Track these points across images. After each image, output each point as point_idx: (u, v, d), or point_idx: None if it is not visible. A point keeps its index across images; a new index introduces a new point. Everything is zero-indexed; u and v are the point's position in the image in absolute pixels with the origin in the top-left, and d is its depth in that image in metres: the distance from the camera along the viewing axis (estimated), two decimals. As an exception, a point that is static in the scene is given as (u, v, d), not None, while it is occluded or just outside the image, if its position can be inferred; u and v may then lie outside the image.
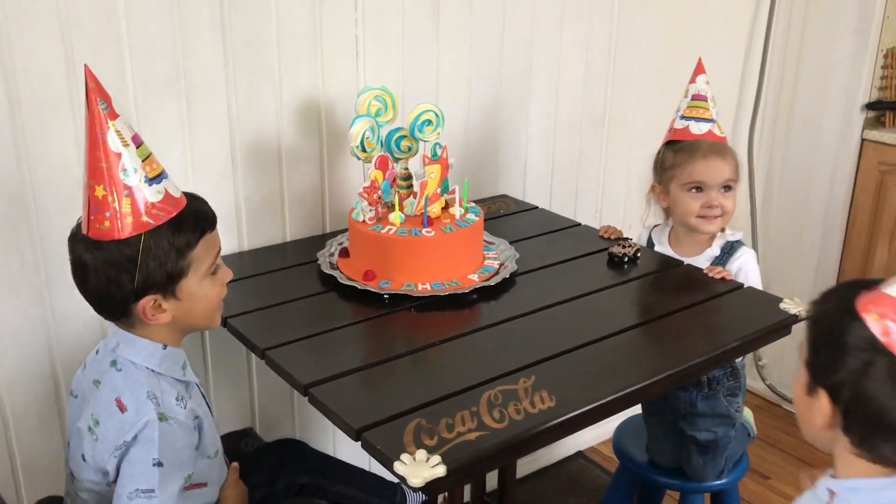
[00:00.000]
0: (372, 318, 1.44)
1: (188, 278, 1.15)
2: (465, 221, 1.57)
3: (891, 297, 0.91)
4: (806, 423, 1.03)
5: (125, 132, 1.10)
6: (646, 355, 1.33)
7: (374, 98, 1.60)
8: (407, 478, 1.01)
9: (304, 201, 1.77)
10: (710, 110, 1.68)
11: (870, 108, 2.51)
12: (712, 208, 1.67)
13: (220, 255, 1.23)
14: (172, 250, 1.12)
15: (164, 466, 1.12)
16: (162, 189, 1.12)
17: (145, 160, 1.12)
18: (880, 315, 0.91)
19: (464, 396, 1.18)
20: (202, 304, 1.20)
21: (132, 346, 1.18)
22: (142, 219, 1.10)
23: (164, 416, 1.13)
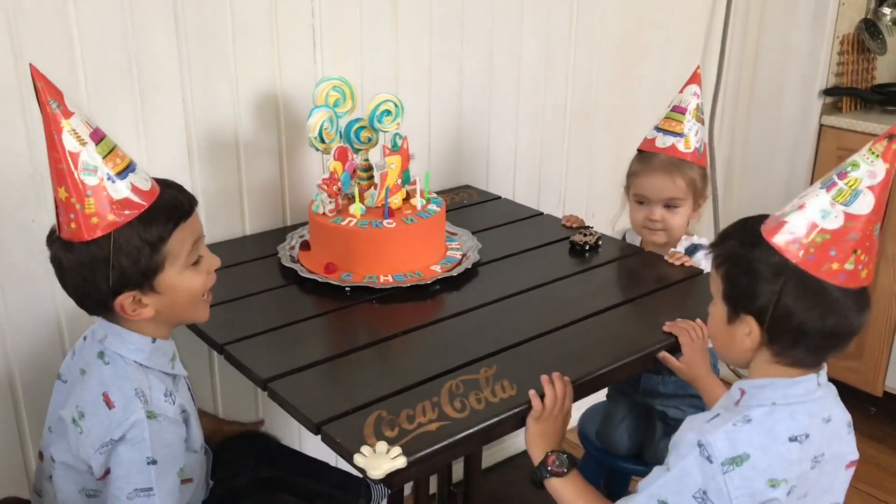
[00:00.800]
0: (333, 311, 1.43)
1: (166, 271, 1.12)
2: (427, 212, 1.56)
3: (791, 223, 1.02)
4: (729, 349, 1.13)
5: (81, 130, 1.06)
6: (607, 341, 1.34)
7: (333, 88, 1.59)
8: (367, 470, 1.00)
9: (263, 194, 1.75)
10: (683, 124, 1.68)
11: (827, 94, 2.54)
12: (653, 221, 1.70)
13: (201, 241, 1.19)
14: (145, 246, 1.09)
15: (158, 464, 1.11)
16: (128, 184, 1.08)
17: (108, 155, 1.08)
18: (786, 241, 1.02)
19: (425, 387, 1.18)
20: (185, 295, 1.16)
21: (120, 338, 1.15)
22: (108, 218, 1.06)
23: (152, 414, 1.11)
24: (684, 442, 1.07)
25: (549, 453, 1.19)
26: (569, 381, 1.19)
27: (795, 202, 1.04)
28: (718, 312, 1.12)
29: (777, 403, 1.07)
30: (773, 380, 1.08)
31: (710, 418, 1.09)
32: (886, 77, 2.72)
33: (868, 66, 2.63)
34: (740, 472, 1.03)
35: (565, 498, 1.19)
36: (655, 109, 2.49)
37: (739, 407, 1.09)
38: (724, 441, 1.04)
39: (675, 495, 1.06)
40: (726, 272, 1.09)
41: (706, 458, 1.04)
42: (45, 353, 1.53)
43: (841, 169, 1.01)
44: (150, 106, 1.55)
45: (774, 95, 2.62)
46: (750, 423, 1.05)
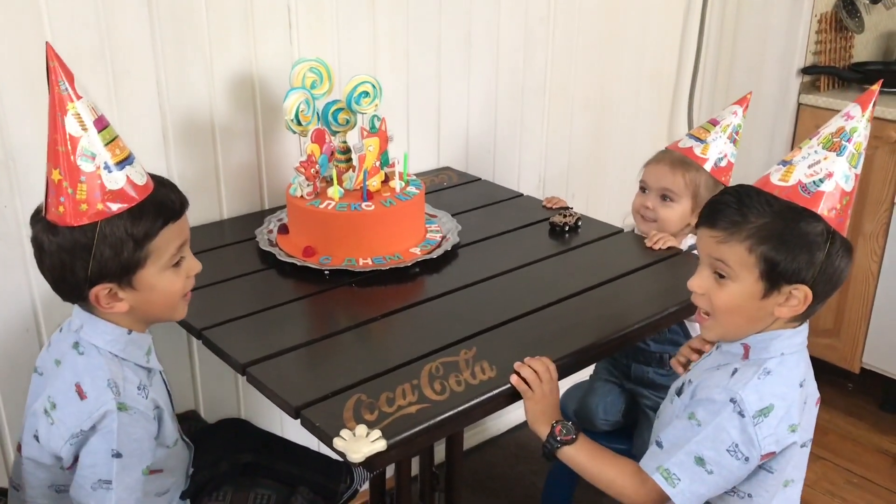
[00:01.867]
0: (312, 295, 1.42)
1: (146, 269, 1.10)
2: (406, 195, 1.55)
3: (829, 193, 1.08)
4: (755, 322, 1.14)
5: (86, 115, 1.05)
6: (587, 322, 1.34)
7: (309, 70, 1.57)
8: (347, 454, 1.00)
9: (240, 177, 1.73)
10: (709, 133, 1.72)
11: (805, 73, 2.55)
12: (645, 209, 1.74)
13: (186, 245, 1.18)
14: (130, 240, 1.07)
15: (122, 457, 1.10)
16: (123, 176, 1.07)
17: (109, 144, 1.07)
18: (827, 209, 1.09)
19: (405, 370, 1.18)
20: (162, 296, 1.14)
21: (96, 329, 1.14)
22: (97, 206, 1.05)
23: (123, 406, 1.10)
24: (716, 399, 1.12)
25: (554, 424, 1.22)
26: (547, 358, 1.19)
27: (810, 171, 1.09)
28: (745, 290, 1.12)
29: (785, 353, 1.14)
30: (780, 331, 1.14)
31: (730, 374, 1.14)
32: (864, 55, 2.74)
33: (846, 44, 2.64)
34: (768, 422, 1.10)
35: (580, 462, 1.23)
36: (635, 89, 2.51)
37: (751, 360, 1.15)
38: (754, 394, 1.10)
39: (712, 451, 1.12)
40: (769, 251, 1.08)
41: (739, 413, 1.10)
42: (20, 341, 1.51)
43: (847, 135, 1.10)
44: (124, 89, 1.53)
45: (753, 74, 2.62)
46: (770, 374, 1.12)
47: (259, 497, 1.39)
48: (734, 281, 1.12)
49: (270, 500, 1.39)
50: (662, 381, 1.77)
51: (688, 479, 1.13)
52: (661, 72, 2.58)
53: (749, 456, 1.10)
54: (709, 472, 1.12)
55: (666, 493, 1.14)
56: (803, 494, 1.24)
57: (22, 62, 1.40)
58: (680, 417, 1.17)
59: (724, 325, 1.17)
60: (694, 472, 1.13)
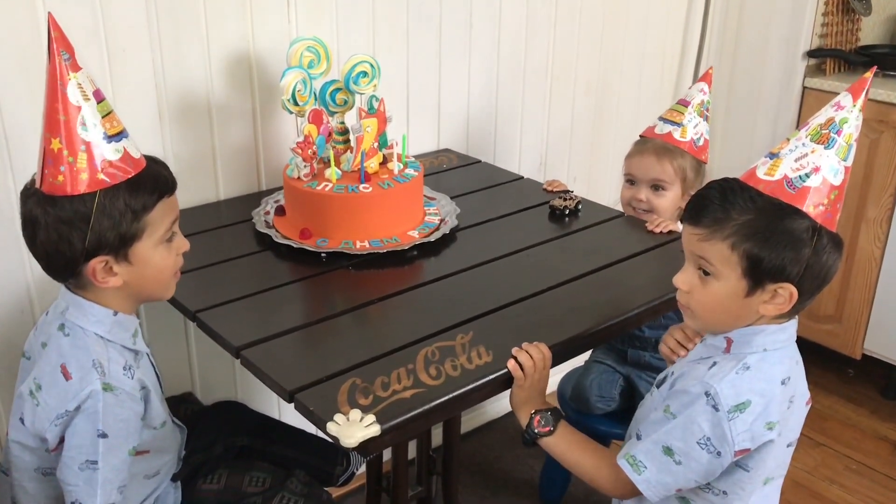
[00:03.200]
0: (309, 278, 1.41)
1: (142, 242, 1.11)
2: (404, 177, 1.53)
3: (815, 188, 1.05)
4: (738, 320, 1.12)
5: (87, 86, 1.06)
6: (586, 306, 1.32)
7: (307, 49, 1.54)
8: (340, 438, 0.99)
9: (237, 158, 1.71)
10: (683, 115, 1.74)
11: (811, 56, 2.52)
12: (638, 201, 1.75)
13: (177, 223, 1.18)
14: (128, 211, 1.08)
15: (108, 438, 1.09)
16: (121, 148, 1.08)
17: (105, 116, 1.08)
18: (814, 205, 1.05)
19: (400, 354, 1.17)
20: (154, 271, 1.15)
21: (81, 310, 1.13)
22: (97, 176, 1.05)
23: (108, 387, 1.09)
24: (690, 391, 1.10)
25: (532, 415, 1.21)
26: (544, 345, 1.18)
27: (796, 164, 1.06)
28: (728, 288, 1.09)
29: (768, 349, 1.11)
30: (763, 327, 1.11)
31: (708, 367, 1.12)
32: (871, 39, 2.70)
33: (853, 27, 2.61)
34: (743, 418, 1.08)
35: (558, 453, 1.23)
36: (638, 71, 2.48)
37: (732, 354, 1.12)
38: (730, 389, 1.08)
39: (681, 442, 1.10)
40: (751, 249, 1.06)
41: (713, 406, 1.08)
42: (15, 323, 1.50)
43: (836, 126, 1.06)
44: (119, 68, 1.50)
45: (758, 57, 2.59)
46: (749, 369, 1.10)
47: (254, 480, 1.38)
48: (717, 279, 1.10)
49: (266, 482, 1.38)
50: (660, 365, 1.77)
51: (654, 468, 1.12)
52: (665, 54, 2.55)
53: (721, 451, 1.09)
54: (677, 463, 1.11)
55: (631, 479, 1.13)
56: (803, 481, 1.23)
57: (15, 40, 1.38)
58: (657, 409, 1.15)
59: (707, 321, 1.16)
60: (661, 462, 1.12)
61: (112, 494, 1.11)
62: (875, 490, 2.22)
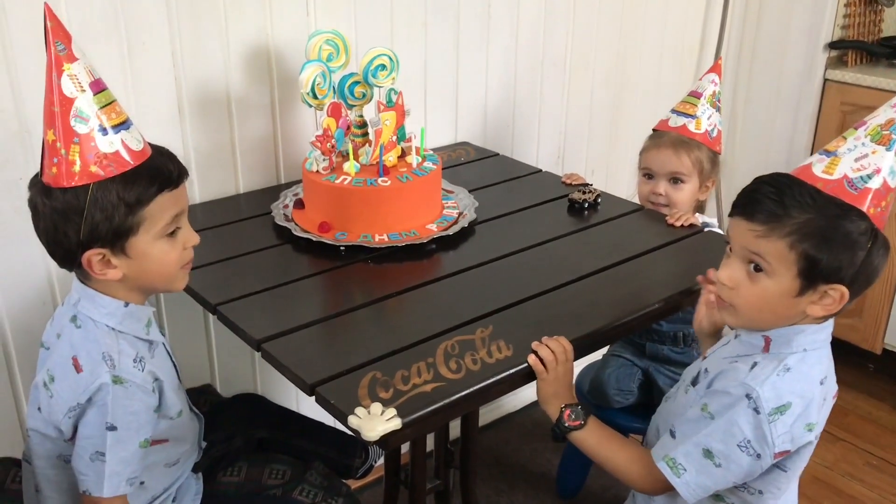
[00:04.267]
0: (328, 271, 1.41)
1: (139, 236, 1.09)
2: (423, 170, 1.53)
3: (876, 190, 1.04)
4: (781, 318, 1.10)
5: (82, 76, 1.04)
6: (606, 301, 1.32)
7: (325, 42, 1.54)
8: (361, 432, 0.99)
9: (256, 151, 1.71)
10: (696, 107, 1.73)
11: (832, 48, 2.49)
12: (657, 195, 1.75)
13: (183, 216, 1.15)
14: (122, 204, 1.06)
15: (117, 430, 1.09)
16: (118, 140, 1.06)
17: (105, 107, 1.06)
18: (873, 206, 1.04)
19: (420, 348, 1.16)
20: (156, 264, 1.12)
21: (93, 302, 1.13)
22: (90, 168, 1.04)
23: (118, 379, 1.09)
24: (731, 393, 1.09)
25: (562, 409, 1.21)
26: (565, 339, 1.17)
27: (856, 164, 1.04)
28: (780, 287, 1.07)
29: (807, 349, 1.10)
30: (802, 327, 1.10)
31: (749, 368, 1.11)
32: (894, 30, 2.67)
33: (875, 18, 2.58)
34: (783, 420, 1.07)
35: (589, 447, 1.23)
36: (657, 63, 2.46)
37: (772, 354, 1.11)
38: (771, 392, 1.07)
39: (722, 444, 1.09)
40: (810, 249, 1.04)
41: (754, 409, 1.07)
42: (37, 313, 1.51)
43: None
44: (139, 60, 1.51)
45: (778, 49, 2.57)
46: (790, 371, 1.09)
47: (274, 472, 1.39)
48: (770, 277, 1.07)
49: (285, 475, 1.39)
50: (679, 358, 1.76)
51: (694, 471, 1.11)
52: (684, 46, 2.53)
53: (761, 453, 1.08)
54: (717, 465, 1.10)
55: (670, 482, 1.12)
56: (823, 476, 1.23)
57: (36, 33, 1.36)
58: (694, 408, 1.14)
59: (748, 319, 1.13)
60: (701, 464, 1.11)
61: (121, 486, 1.11)
62: (895, 485, 2.21)
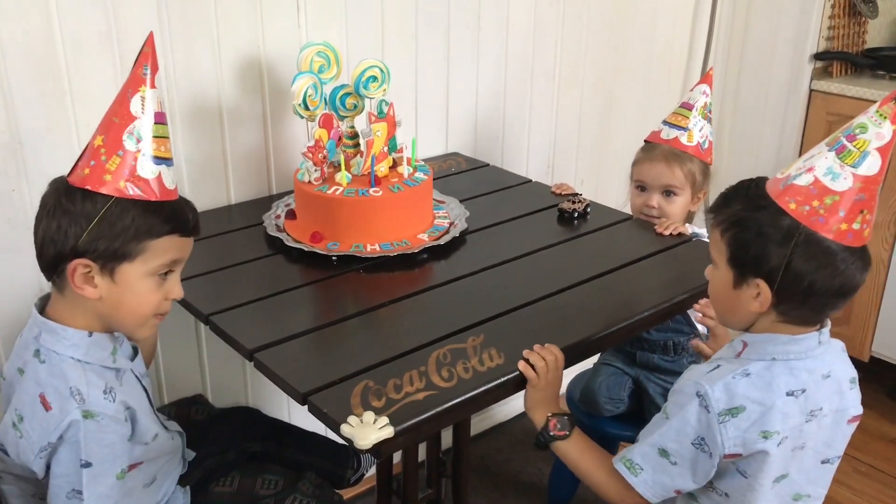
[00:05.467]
0: (320, 281, 1.42)
1: (132, 265, 1.07)
2: (414, 180, 1.54)
3: (799, 186, 1.04)
4: (733, 313, 1.14)
5: (151, 104, 1.07)
6: (596, 309, 1.33)
7: (317, 54, 1.56)
8: (354, 440, 1.00)
9: (248, 162, 1.72)
10: (688, 119, 1.74)
11: (818, 59, 2.52)
12: (650, 208, 1.76)
13: (179, 265, 1.14)
14: (132, 228, 1.06)
15: (92, 466, 1.07)
16: (156, 171, 1.08)
17: (158, 138, 1.08)
18: (797, 203, 1.03)
19: (412, 356, 1.17)
20: (134, 300, 1.10)
21: (54, 335, 1.10)
22: (119, 184, 1.05)
23: (89, 414, 1.06)
24: (684, 392, 1.11)
25: (548, 417, 1.22)
26: (556, 347, 1.18)
27: (801, 164, 1.06)
28: (722, 277, 1.12)
29: (777, 359, 1.10)
30: (775, 335, 1.10)
31: (710, 369, 1.12)
32: (878, 41, 2.71)
33: (859, 29, 2.61)
34: (735, 423, 1.07)
35: (571, 458, 1.23)
36: (645, 74, 2.48)
37: (740, 359, 1.12)
38: (723, 392, 1.08)
39: (675, 443, 1.11)
40: (733, 237, 1.09)
41: (704, 407, 1.08)
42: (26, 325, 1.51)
43: (849, 131, 1.04)
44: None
45: (764, 60, 2.60)
46: (748, 376, 1.09)
47: (266, 482, 1.39)
48: (716, 267, 1.14)
49: (278, 485, 1.39)
50: (669, 367, 1.77)
51: (650, 469, 1.13)
52: (672, 56, 2.55)
53: (712, 452, 1.09)
54: (672, 463, 1.11)
55: (629, 482, 1.14)
56: (809, 483, 1.22)
57: (30, 45, 1.39)
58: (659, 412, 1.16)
59: (717, 312, 1.19)
60: (657, 463, 1.12)
61: None
62: (883, 492, 2.22)
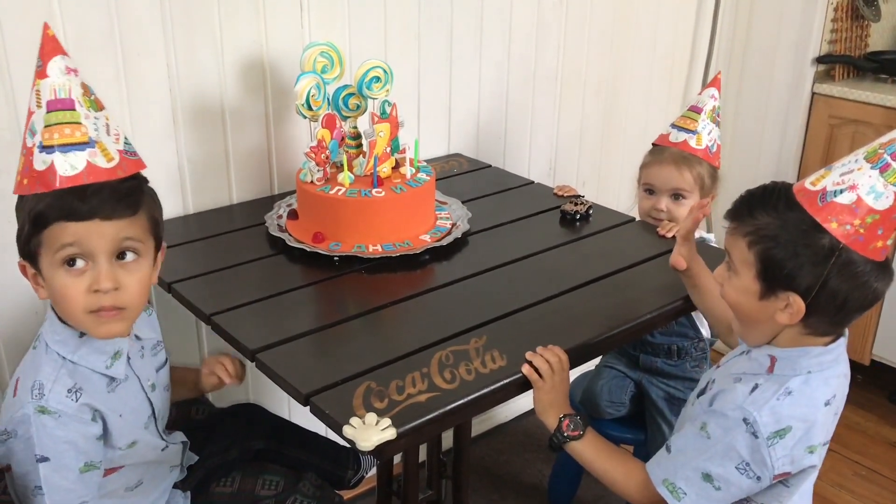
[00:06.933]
0: (322, 281, 1.42)
1: (42, 258, 1.04)
2: (416, 181, 1.54)
3: (843, 205, 1.02)
4: (756, 324, 1.13)
5: (45, 93, 1.04)
6: (598, 312, 1.33)
7: (320, 54, 1.55)
8: (356, 442, 0.99)
9: (250, 162, 1.72)
10: (697, 122, 1.72)
11: (820, 62, 2.52)
12: (658, 211, 1.73)
13: (85, 255, 1.04)
14: (28, 222, 1.03)
15: (50, 461, 1.06)
16: (48, 160, 1.01)
17: (52, 126, 1.03)
18: (839, 222, 1.02)
19: (415, 358, 1.17)
20: (59, 297, 1.06)
21: (52, 326, 1.10)
22: (24, 181, 1.04)
23: (44, 409, 1.05)
24: (729, 416, 1.09)
25: (561, 418, 1.21)
26: (559, 348, 1.18)
27: (838, 177, 1.03)
28: (745, 287, 1.11)
29: (812, 371, 1.10)
30: (808, 349, 1.10)
31: (750, 390, 1.10)
32: (880, 45, 2.71)
33: (862, 33, 2.61)
34: (783, 444, 1.07)
35: (587, 458, 1.23)
36: (647, 76, 2.48)
37: (776, 376, 1.11)
38: (770, 416, 1.07)
39: (720, 468, 1.10)
40: (764, 252, 1.06)
41: (752, 433, 1.07)
42: (29, 324, 1.51)
43: (893, 147, 1.01)
44: (134, 71, 1.52)
45: (767, 62, 2.60)
46: (791, 395, 1.08)
47: (267, 483, 1.39)
48: (736, 275, 1.11)
49: (278, 485, 1.39)
50: (672, 371, 1.77)
51: (694, 494, 1.12)
52: (674, 59, 2.55)
53: (761, 476, 1.08)
54: (716, 489, 1.11)
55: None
56: (811, 486, 1.22)
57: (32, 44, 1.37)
58: (693, 423, 1.14)
59: (737, 320, 1.16)
60: (700, 487, 1.11)
61: None
62: (883, 496, 2.22)
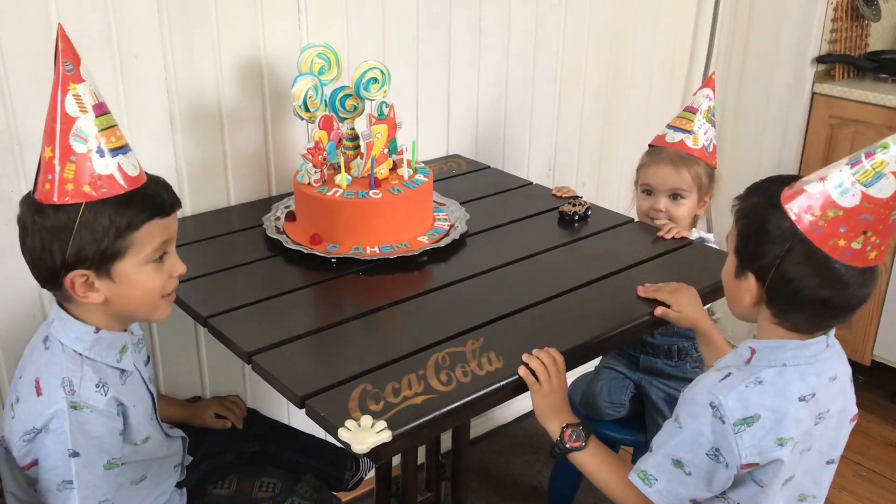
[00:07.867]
0: (319, 283, 1.41)
1: (125, 261, 1.08)
2: (414, 182, 1.54)
3: (809, 193, 1.02)
4: (735, 302, 1.16)
5: (86, 98, 1.05)
6: (596, 313, 1.32)
7: (317, 55, 1.55)
8: (351, 444, 0.99)
9: (248, 163, 1.71)
10: (693, 122, 1.74)
11: (820, 62, 2.52)
12: (657, 212, 1.74)
13: (170, 244, 1.15)
14: (112, 228, 1.06)
15: (80, 456, 1.08)
16: (114, 164, 1.06)
17: (105, 130, 1.07)
18: (800, 208, 1.02)
19: (411, 360, 1.17)
20: (139, 291, 1.11)
21: (65, 325, 1.12)
22: (83, 188, 1.04)
23: (76, 405, 1.07)
24: (697, 402, 1.10)
25: (563, 428, 1.21)
26: (555, 350, 1.18)
27: (819, 172, 1.05)
28: (730, 265, 1.15)
29: (787, 364, 1.10)
30: (785, 341, 1.10)
31: (721, 378, 1.11)
32: (880, 44, 2.70)
33: (862, 32, 2.61)
34: (751, 432, 1.06)
35: (588, 468, 1.23)
36: (647, 76, 2.48)
37: (751, 366, 1.11)
38: (737, 402, 1.07)
39: (689, 454, 1.10)
40: (741, 227, 1.11)
41: (719, 418, 1.07)
42: (26, 327, 1.51)
43: (871, 148, 1.00)
44: (131, 73, 1.51)
45: (767, 62, 2.59)
46: (762, 384, 1.08)
47: (264, 485, 1.39)
48: (729, 256, 1.16)
49: (276, 487, 1.39)
50: (673, 372, 1.77)
51: (665, 480, 1.12)
52: (674, 59, 2.55)
53: (729, 462, 1.08)
54: (687, 474, 1.10)
55: (643, 492, 1.13)
56: (811, 487, 1.21)
57: (29, 46, 1.39)
58: (670, 418, 1.15)
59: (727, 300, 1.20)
60: (671, 473, 1.11)
61: None
62: (884, 497, 2.21)
